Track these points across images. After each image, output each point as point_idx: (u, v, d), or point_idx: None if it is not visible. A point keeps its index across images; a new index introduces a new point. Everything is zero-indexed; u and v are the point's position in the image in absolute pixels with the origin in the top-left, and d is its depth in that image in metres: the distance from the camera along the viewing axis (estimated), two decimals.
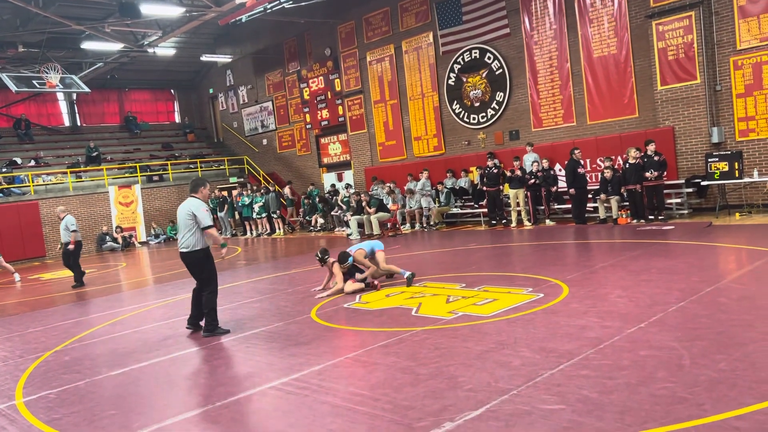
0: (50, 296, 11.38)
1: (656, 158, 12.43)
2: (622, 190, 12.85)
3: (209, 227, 6.87)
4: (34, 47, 19.40)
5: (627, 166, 12.76)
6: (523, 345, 5.09)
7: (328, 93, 21.46)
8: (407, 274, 8.50)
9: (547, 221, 14.24)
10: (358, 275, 8.61)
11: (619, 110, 14.43)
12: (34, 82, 18.93)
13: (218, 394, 4.74)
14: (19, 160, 22.51)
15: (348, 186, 19.80)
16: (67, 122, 26.71)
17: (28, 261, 19.57)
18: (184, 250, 6.90)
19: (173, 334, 7.09)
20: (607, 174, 13.14)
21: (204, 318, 6.94)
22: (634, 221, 12.62)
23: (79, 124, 26.77)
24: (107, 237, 21.30)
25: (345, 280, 8.43)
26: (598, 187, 13.58)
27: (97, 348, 6.84)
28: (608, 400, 3.78)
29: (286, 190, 21.18)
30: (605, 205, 13.20)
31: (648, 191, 12.57)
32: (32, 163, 22.66)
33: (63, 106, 26.68)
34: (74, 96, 26.10)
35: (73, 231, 11.87)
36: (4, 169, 21.53)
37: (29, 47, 19.35)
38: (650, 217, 12.60)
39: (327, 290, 8.52)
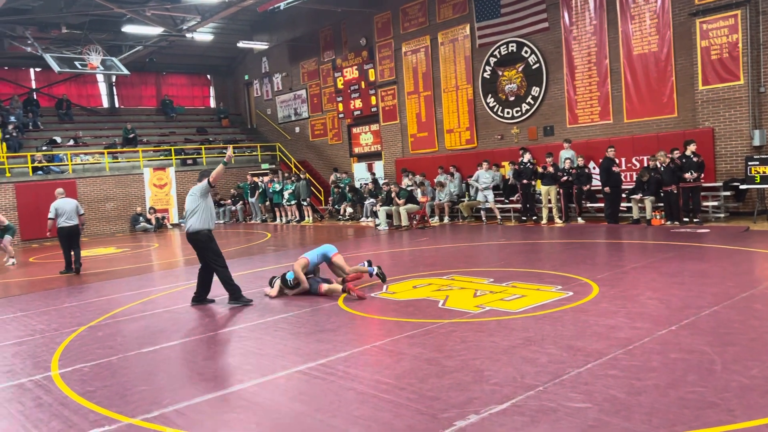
0: (84, 273, 11.66)
1: (695, 159, 12.17)
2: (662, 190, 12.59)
3: (211, 175, 7.47)
4: (77, 29, 19.79)
5: (662, 168, 12.50)
6: (551, 342, 5.06)
7: (362, 83, 21.47)
8: (375, 270, 8.05)
9: (579, 219, 14.08)
10: (324, 285, 7.79)
11: (658, 109, 14.16)
12: (76, 63, 19.33)
13: (246, 375, 4.82)
14: (59, 139, 23.04)
15: (374, 179, 19.82)
16: (105, 104, 27.23)
17: None
18: (190, 231, 7.57)
19: (203, 315, 7.22)
20: (644, 177, 12.91)
21: (228, 293, 7.62)
22: (668, 223, 12.41)
23: (117, 105, 27.27)
24: (141, 218, 21.70)
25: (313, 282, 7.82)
26: (632, 186, 13.37)
27: (130, 325, 7.01)
28: (636, 401, 3.74)
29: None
30: (639, 205, 12.99)
31: (684, 193, 12.33)
32: (71, 142, 23.18)
33: (102, 88, 27.19)
34: (114, 78, 26.58)
35: (82, 214, 12.01)
36: (44, 148, 22.07)
37: (72, 29, 19.75)
38: (685, 219, 12.37)
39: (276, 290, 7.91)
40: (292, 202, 20.49)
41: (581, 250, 10.12)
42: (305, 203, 20.42)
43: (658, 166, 12.50)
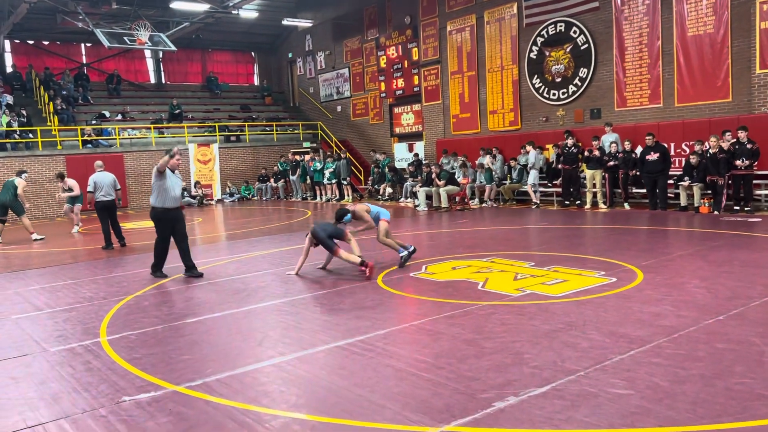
0: (131, 245, 11.98)
1: (749, 146, 11.74)
2: (711, 179, 12.17)
3: (158, 164, 8.07)
4: (127, 5, 20.13)
5: (710, 154, 12.06)
6: (593, 328, 4.99)
7: (405, 62, 21.30)
8: (404, 252, 8.02)
9: (625, 205, 13.77)
10: (350, 228, 8.04)
11: (711, 93, 13.65)
12: (125, 38, 19.71)
13: (286, 348, 4.90)
14: (107, 114, 23.61)
15: (417, 159, 19.73)
16: (152, 79, 27.72)
17: None
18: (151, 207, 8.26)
19: (245, 288, 7.35)
20: (693, 160, 12.53)
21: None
22: (716, 212, 12.03)
23: (163, 81, 27.73)
24: (185, 193, 22.14)
25: (331, 252, 7.79)
26: (680, 172, 12.99)
27: (174, 296, 7.19)
28: (680, 390, 3.67)
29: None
30: (687, 192, 12.62)
31: (735, 180, 11.91)
32: (119, 117, 23.72)
33: (150, 64, 27.68)
34: (161, 54, 27.01)
35: (119, 189, 12.06)
36: (93, 122, 22.65)
37: (122, 4, 20.10)
38: (735, 207, 11.97)
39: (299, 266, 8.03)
40: (333, 181, 20.59)
41: (626, 236, 9.91)
42: (345, 182, 20.50)
43: (705, 150, 12.07)
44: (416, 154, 20.26)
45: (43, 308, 6.82)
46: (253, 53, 30.13)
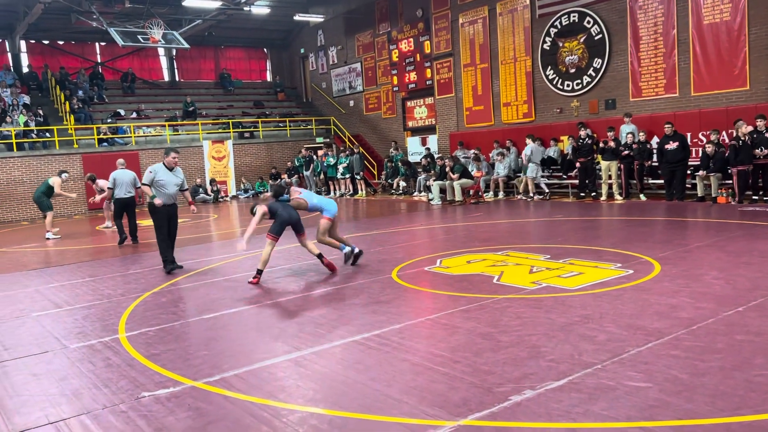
0: (147, 241, 12.09)
1: (767, 135, 11.57)
2: (733, 169, 11.93)
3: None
4: (140, 3, 20.24)
5: (739, 142, 11.82)
6: (610, 320, 4.96)
7: (417, 55, 21.23)
8: (346, 249, 7.70)
9: (641, 196, 13.65)
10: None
11: (728, 82, 13.47)
12: (139, 37, 19.83)
13: (303, 342, 4.93)
14: (122, 112, 23.79)
15: (429, 153, 19.68)
16: (166, 77, 27.88)
17: None
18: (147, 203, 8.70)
19: (261, 284, 7.38)
20: (709, 149, 12.38)
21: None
22: (733, 202, 11.88)
23: (177, 79, 27.88)
24: (200, 189, 22.28)
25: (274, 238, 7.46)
26: (697, 162, 12.84)
27: (191, 292, 7.24)
28: (699, 383, 3.64)
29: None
30: (704, 182, 12.48)
31: (755, 170, 11.75)
32: (134, 115, 23.89)
33: (163, 62, 27.82)
34: (174, 52, 27.14)
35: (139, 187, 12.12)
36: (109, 120, 22.84)
37: (135, 3, 20.21)
38: (755, 197, 11.82)
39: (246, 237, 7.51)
40: (346, 176, 20.61)
41: (642, 228, 9.82)
42: (359, 177, 20.51)
43: (735, 137, 11.88)
44: (428, 148, 20.23)
45: (63, 305, 6.91)
46: (265, 49, 30.18)
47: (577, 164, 14.52)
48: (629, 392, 3.56)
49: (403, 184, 19.72)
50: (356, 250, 8.07)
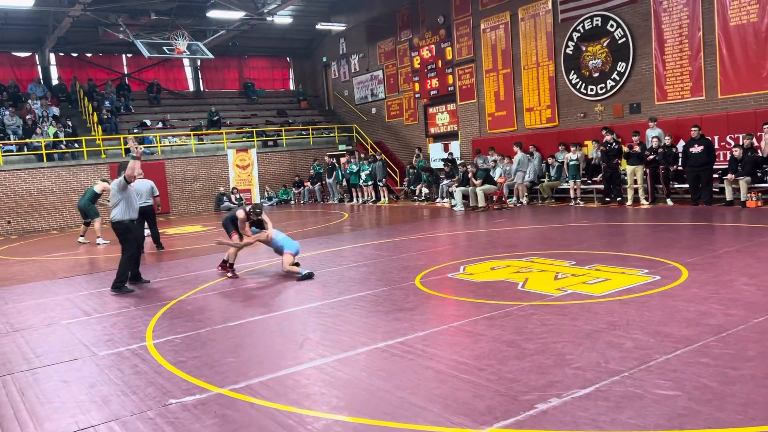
0: (173, 250, 12.25)
1: None
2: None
3: (125, 172, 8.03)
4: (165, 15, 20.60)
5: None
6: (637, 327, 4.89)
7: (439, 62, 21.24)
8: (304, 272, 8.12)
9: (668, 201, 13.45)
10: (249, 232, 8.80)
11: (757, 84, 13.23)
12: (164, 48, 20.17)
13: (327, 350, 4.94)
14: (148, 122, 24.17)
15: (452, 159, 19.63)
16: (191, 87, 28.27)
17: None
18: (114, 221, 8.07)
19: (285, 291, 7.44)
20: (737, 153, 12.17)
21: (115, 276, 8.14)
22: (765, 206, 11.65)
23: (202, 89, 28.26)
24: (225, 197, 22.51)
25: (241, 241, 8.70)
26: (726, 166, 12.63)
27: (216, 300, 7.32)
28: (730, 391, 3.57)
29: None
30: (733, 186, 12.26)
31: None
32: (160, 125, 24.26)
33: (188, 72, 28.22)
34: (199, 62, 27.53)
35: (157, 195, 12.52)
36: (135, 130, 23.23)
37: (160, 15, 20.58)
38: None
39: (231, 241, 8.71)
40: (369, 183, 20.67)
41: (669, 233, 9.68)
42: (381, 184, 20.55)
43: (754, 144, 11.71)
44: (450, 154, 20.20)
45: (92, 313, 7.03)
46: (288, 58, 30.45)
47: (601, 165, 14.43)
48: (657, 400, 3.51)
49: (425, 190, 19.71)
50: (306, 272, 8.27)
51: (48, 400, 4.33)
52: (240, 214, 8.61)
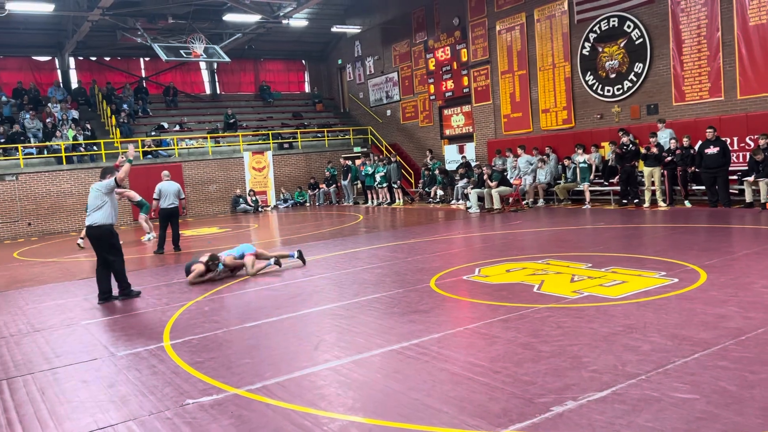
0: (190, 251, 12.35)
1: None
2: None
3: (118, 175, 7.88)
4: (182, 19, 20.81)
5: None
6: (654, 330, 4.85)
7: (454, 63, 21.22)
8: (296, 254, 9.14)
9: (686, 203, 13.32)
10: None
11: None
12: (182, 51, 20.37)
13: (342, 352, 4.96)
14: (166, 125, 24.41)
15: (466, 161, 19.58)
16: (207, 90, 28.50)
17: None
18: (93, 225, 7.74)
19: (300, 293, 7.48)
20: (759, 157, 12.01)
21: (118, 285, 7.93)
22: None
23: (218, 92, 28.48)
24: (241, 199, 22.65)
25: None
26: (746, 168, 12.47)
27: (232, 301, 7.37)
28: (749, 395, 3.53)
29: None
30: (753, 188, 12.11)
31: None
32: (177, 127, 24.48)
33: (205, 75, 28.46)
34: (215, 65, 27.75)
35: (183, 198, 12.62)
36: (153, 133, 23.46)
37: (177, 19, 20.79)
38: None
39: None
40: (384, 185, 20.69)
41: (687, 235, 9.58)
42: (396, 186, 20.56)
43: None
44: (464, 156, 20.17)
45: (110, 314, 7.11)
46: (303, 61, 30.60)
47: (618, 167, 14.31)
48: (675, 404, 3.48)
49: (440, 192, 19.68)
50: (272, 262, 9.28)
51: (68, 399, 4.39)
52: (199, 267, 8.62)
